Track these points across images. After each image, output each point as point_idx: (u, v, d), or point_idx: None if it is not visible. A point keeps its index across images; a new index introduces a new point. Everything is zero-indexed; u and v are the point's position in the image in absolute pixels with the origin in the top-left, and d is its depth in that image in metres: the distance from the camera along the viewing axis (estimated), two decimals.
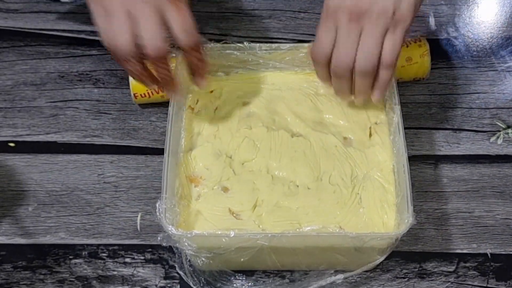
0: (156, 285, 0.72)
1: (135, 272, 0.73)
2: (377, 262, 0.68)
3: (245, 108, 0.76)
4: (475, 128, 0.83)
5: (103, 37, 0.64)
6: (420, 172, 0.79)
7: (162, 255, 0.74)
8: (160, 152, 0.74)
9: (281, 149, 0.73)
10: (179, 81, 0.70)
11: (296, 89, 0.78)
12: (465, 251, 0.74)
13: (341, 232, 0.66)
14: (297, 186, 0.71)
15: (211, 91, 0.78)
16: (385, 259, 0.68)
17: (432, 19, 0.93)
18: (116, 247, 0.75)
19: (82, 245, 0.75)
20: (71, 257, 0.74)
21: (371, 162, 0.72)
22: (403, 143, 0.69)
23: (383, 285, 0.72)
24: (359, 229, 0.68)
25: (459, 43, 0.91)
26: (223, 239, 0.63)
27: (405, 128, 0.74)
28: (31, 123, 0.84)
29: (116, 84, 0.87)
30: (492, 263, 0.74)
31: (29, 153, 0.82)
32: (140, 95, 0.82)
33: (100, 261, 0.74)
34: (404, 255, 0.74)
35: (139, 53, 0.64)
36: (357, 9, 0.65)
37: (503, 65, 0.89)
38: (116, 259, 0.74)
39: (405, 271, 0.73)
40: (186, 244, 0.64)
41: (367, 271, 0.71)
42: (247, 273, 0.71)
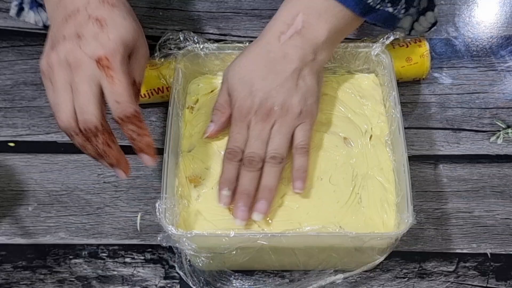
0: (156, 285, 0.72)
1: (135, 272, 0.73)
2: (377, 262, 0.68)
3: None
4: (475, 128, 0.83)
5: (52, 111, 0.63)
6: (420, 172, 0.79)
7: (162, 255, 0.74)
8: (159, 152, 0.74)
9: None
10: (124, 160, 0.66)
11: None
12: (465, 251, 0.74)
13: (341, 232, 0.66)
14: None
15: (211, 91, 0.78)
16: (385, 259, 0.68)
17: None
18: (116, 247, 0.75)
19: (82, 245, 0.75)
20: (71, 257, 0.74)
21: (371, 161, 0.72)
22: (403, 143, 0.69)
23: (383, 285, 0.72)
24: (359, 228, 0.68)
25: (459, 43, 0.91)
26: (223, 239, 0.63)
27: (405, 128, 0.74)
28: (31, 123, 0.84)
29: None
30: (492, 263, 0.74)
31: (29, 153, 0.82)
32: (140, 95, 0.82)
33: (100, 261, 0.74)
34: (404, 255, 0.74)
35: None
36: (265, 111, 0.68)
37: (503, 65, 0.89)
38: (116, 259, 0.74)
39: (405, 271, 0.73)
40: (186, 244, 0.64)
41: (367, 271, 0.71)
42: (247, 273, 0.71)
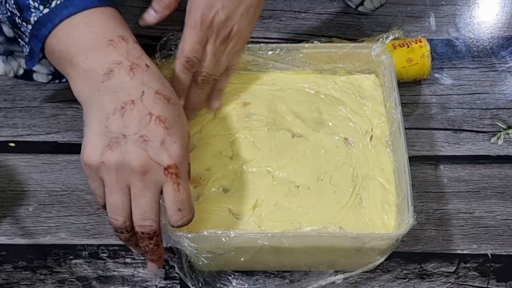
0: (156, 286, 0.72)
1: (135, 272, 0.73)
2: (377, 262, 0.67)
3: (245, 108, 0.76)
4: (475, 128, 0.83)
5: (107, 209, 0.61)
6: (420, 172, 0.79)
7: None
8: None
9: (281, 150, 0.73)
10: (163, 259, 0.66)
11: (296, 89, 0.78)
12: (465, 252, 0.74)
13: (342, 232, 0.66)
14: (298, 186, 0.71)
15: None
16: (386, 260, 0.68)
17: (432, 19, 0.93)
18: (116, 248, 0.75)
19: (82, 245, 0.75)
20: (71, 257, 0.74)
21: (372, 162, 0.72)
22: (404, 143, 0.69)
23: (383, 285, 0.72)
24: (360, 229, 0.68)
25: (459, 44, 0.91)
26: (223, 239, 0.63)
27: (406, 128, 0.74)
28: (31, 123, 0.84)
29: None
30: (492, 264, 0.73)
31: (30, 153, 0.82)
32: None
33: (100, 261, 0.74)
34: (404, 256, 0.74)
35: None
36: (227, 32, 0.68)
37: (504, 66, 0.89)
38: (116, 260, 0.74)
39: (405, 271, 0.73)
40: (186, 244, 0.64)
41: (367, 272, 0.71)
42: (247, 273, 0.71)
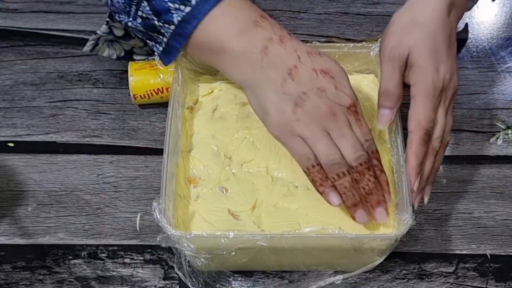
0: (155, 286, 0.72)
1: (134, 272, 0.73)
2: (377, 263, 0.67)
3: (244, 108, 0.76)
4: (474, 128, 0.83)
5: (324, 160, 0.65)
6: None
7: (161, 255, 0.74)
8: (159, 152, 0.74)
9: (280, 150, 0.73)
10: None
11: None
12: (464, 252, 0.74)
13: (341, 233, 0.66)
14: (296, 186, 0.71)
15: (210, 91, 0.78)
16: (385, 260, 0.68)
17: None
18: (115, 248, 0.75)
19: (81, 245, 0.75)
20: (70, 257, 0.74)
21: None
22: (402, 143, 0.69)
23: (383, 285, 0.72)
24: (358, 229, 0.67)
25: (459, 44, 0.90)
26: (222, 240, 0.63)
27: (404, 129, 0.74)
28: (30, 123, 0.84)
29: (115, 84, 0.87)
30: (491, 264, 0.74)
31: (29, 153, 0.82)
32: (139, 96, 0.82)
33: (99, 261, 0.74)
34: (403, 256, 0.74)
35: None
36: (452, 92, 0.73)
37: (503, 66, 0.89)
38: (115, 260, 0.74)
39: (404, 272, 0.73)
40: (185, 245, 0.64)
41: (366, 272, 0.71)
42: (246, 273, 0.71)
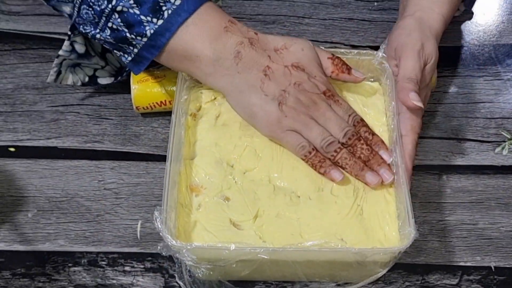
0: None
1: (134, 281, 0.73)
2: (379, 275, 0.67)
3: None
4: (480, 138, 0.82)
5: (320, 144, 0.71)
6: (423, 182, 0.78)
7: (162, 264, 0.73)
8: (161, 158, 0.74)
9: (282, 159, 0.72)
10: None
11: None
12: (468, 264, 0.73)
13: (343, 247, 0.65)
14: (299, 196, 0.70)
15: (213, 98, 0.77)
16: (388, 271, 0.67)
17: None
18: (115, 255, 0.74)
19: (81, 252, 0.74)
20: (70, 264, 0.74)
21: None
22: (400, 154, 0.69)
23: None
24: (361, 240, 0.67)
25: (464, 52, 0.90)
26: (224, 252, 0.63)
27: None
28: (31, 127, 0.84)
29: (117, 89, 0.86)
30: (496, 276, 0.73)
31: (29, 158, 0.81)
32: (142, 107, 0.81)
33: (99, 269, 0.73)
34: (406, 267, 0.73)
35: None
36: None
37: (509, 74, 0.88)
38: (115, 267, 0.73)
39: (407, 283, 0.72)
40: (186, 255, 0.63)
41: (369, 284, 0.71)
42: (248, 284, 0.71)
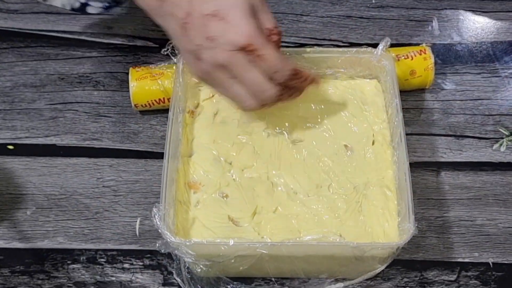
0: None
1: (133, 278, 0.73)
2: (378, 270, 0.67)
3: (245, 113, 0.75)
4: (478, 135, 0.82)
5: (236, 104, 0.68)
6: (422, 179, 0.79)
7: (161, 261, 0.73)
8: (159, 156, 0.74)
9: (280, 156, 0.72)
10: None
11: None
12: (466, 260, 0.74)
13: (342, 242, 0.65)
14: (297, 193, 0.70)
15: (211, 95, 0.77)
16: (386, 267, 0.68)
17: (435, 24, 0.92)
18: (114, 252, 0.74)
19: (80, 250, 0.74)
20: (69, 262, 0.74)
21: (373, 170, 0.71)
22: (405, 150, 0.69)
23: None
24: (360, 237, 0.67)
25: (462, 49, 0.90)
26: (222, 248, 0.63)
27: (407, 134, 0.73)
28: (30, 125, 0.84)
29: (116, 87, 0.87)
30: (494, 272, 0.73)
31: (28, 156, 0.81)
32: (141, 105, 0.81)
33: (98, 266, 0.73)
34: (405, 264, 0.73)
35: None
36: None
37: (507, 71, 0.88)
38: (114, 265, 0.73)
39: (406, 279, 0.72)
40: (184, 251, 0.63)
41: (367, 280, 0.71)
42: (246, 280, 0.71)
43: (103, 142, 0.82)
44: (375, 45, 0.78)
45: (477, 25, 0.93)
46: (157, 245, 0.65)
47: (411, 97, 0.84)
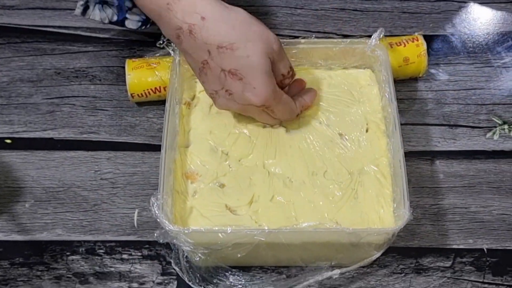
0: (153, 281, 0.72)
1: (132, 268, 0.73)
2: (374, 257, 0.68)
3: None
4: (471, 124, 0.83)
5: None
6: (416, 168, 0.79)
7: (159, 251, 0.74)
8: (157, 148, 0.75)
9: (276, 145, 0.73)
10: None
11: None
12: (461, 247, 0.74)
13: (338, 228, 0.66)
14: (293, 181, 0.71)
15: None
16: (382, 255, 0.68)
17: (427, 16, 0.93)
18: (113, 244, 0.75)
19: (79, 241, 0.75)
20: (68, 253, 0.74)
21: (367, 157, 0.72)
22: (400, 139, 0.69)
23: (380, 280, 0.72)
24: (356, 224, 0.68)
25: (455, 39, 0.91)
26: (220, 235, 0.63)
27: (402, 124, 0.74)
28: (27, 119, 0.84)
29: (112, 80, 0.87)
30: (488, 258, 0.74)
31: (26, 150, 0.82)
32: (137, 95, 0.82)
33: (97, 257, 0.74)
34: (400, 251, 0.74)
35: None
36: None
37: (499, 61, 0.89)
38: (113, 256, 0.74)
39: (401, 266, 0.73)
40: (183, 240, 0.64)
41: (363, 267, 0.72)
42: (244, 269, 0.71)
43: (100, 135, 0.83)
44: (369, 37, 0.79)
45: (469, 16, 0.94)
46: (155, 235, 0.66)
47: (404, 87, 0.85)
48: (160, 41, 0.80)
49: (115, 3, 0.77)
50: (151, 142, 0.82)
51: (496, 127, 0.83)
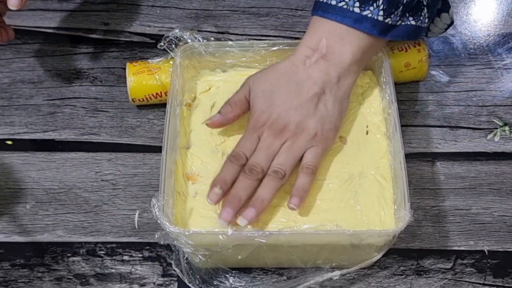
0: (154, 283, 0.72)
1: (133, 269, 0.73)
2: (375, 259, 0.68)
3: None
4: (472, 125, 0.83)
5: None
6: (417, 169, 0.79)
7: (160, 252, 0.74)
8: (157, 150, 0.75)
9: None
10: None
11: None
12: (462, 248, 0.74)
13: (339, 229, 0.66)
14: (292, 184, 0.71)
15: (208, 88, 0.78)
16: (383, 256, 0.68)
17: None
18: (114, 245, 0.75)
19: (80, 243, 0.75)
20: (69, 255, 0.74)
21: (368, 159, 0.72)
22: (400, 140, 0.69)
23: (381, 282, 0.72)
24: (356, 226, 0.68)
25: (456, 41, 0.91)
26: (221, 237, 0.63)
27: (402, 125, 0.74)
28: (28, 121, 0.84)
29: (113, 82, 0.87)
30: (489, 260, 0.74)
31: (27, 151, 0.82)
32: (138, 99, 0.82)
33: (98, 258, 0.74)
34: (401, 252, 0.74)
35: None
36: (280, 127, 0.70)
37: (500, 63, 0.89)
38: (114, 257, 0.74)
39: (402, 268, 0.73)
40: (183, 241, 0.64)
41: (364, 268, 0.71)
42: (245, 270, 0.71)
43: (101, 136, 0.83)
44: None
45: (470, 18, 0.94)
46: (156, 236, 0.66)
47: (405, 89, 0.85)
48: (161, 43, 0.80)
49: None
50: (152, 143, 0.82)
51: (497, 128, 0.83)
